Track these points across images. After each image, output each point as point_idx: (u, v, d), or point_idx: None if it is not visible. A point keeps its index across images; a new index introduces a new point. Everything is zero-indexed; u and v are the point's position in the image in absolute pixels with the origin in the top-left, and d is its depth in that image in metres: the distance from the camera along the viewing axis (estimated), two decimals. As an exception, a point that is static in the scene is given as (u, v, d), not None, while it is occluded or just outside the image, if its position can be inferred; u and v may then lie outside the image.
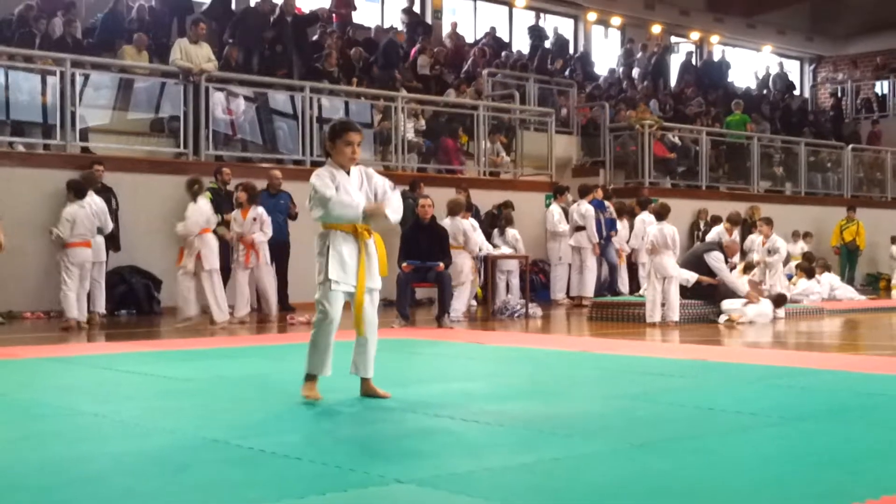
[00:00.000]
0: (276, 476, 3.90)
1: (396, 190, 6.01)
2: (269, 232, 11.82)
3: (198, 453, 4.33)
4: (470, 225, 12.77)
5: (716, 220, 15.74)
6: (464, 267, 12.52)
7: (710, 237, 14.27)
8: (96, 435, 4.82)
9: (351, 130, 5.80)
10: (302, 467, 4.04)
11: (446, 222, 12.49)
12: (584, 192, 16.00)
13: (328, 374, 5.71)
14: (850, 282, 19.91)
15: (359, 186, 5.78)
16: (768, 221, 15.08)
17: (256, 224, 11.63)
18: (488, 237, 14.45)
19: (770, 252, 14.58)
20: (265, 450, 4.32)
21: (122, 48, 14.84)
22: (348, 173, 5.78)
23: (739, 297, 12.11)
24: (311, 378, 5.70)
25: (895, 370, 7.44)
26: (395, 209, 5.85)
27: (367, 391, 5.84)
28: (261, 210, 11.80)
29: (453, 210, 12.74)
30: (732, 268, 13.12)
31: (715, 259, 12.35)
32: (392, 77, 18.08)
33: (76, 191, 11.19)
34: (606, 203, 16.37)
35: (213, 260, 11.09)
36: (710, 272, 12.34)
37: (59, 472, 3.97)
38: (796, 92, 30.19)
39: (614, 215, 16.41)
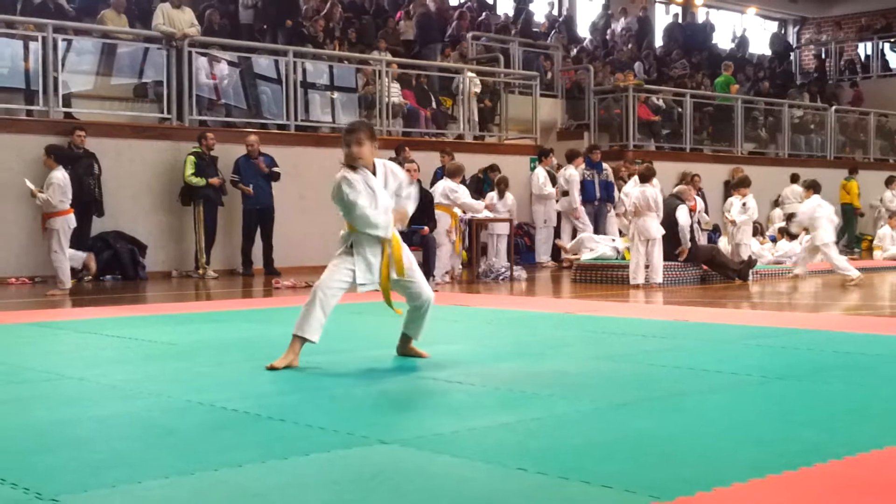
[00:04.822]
0: (260, 438, 3.93)
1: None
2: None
3: (183, 416, 4.35)
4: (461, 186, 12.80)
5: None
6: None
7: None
8: (81, 399, 4.82)
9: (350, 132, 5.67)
10: (286, 429, 4.06)
11: (440, 184, 12.54)
12: (570, 157, 16.01)
13: (315, 341, 5.59)
14: (848, 243, 20.06)
15: (384, 185, 5.72)
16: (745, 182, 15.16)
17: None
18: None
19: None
20: (249, 412, 4.35)
21: (102, 13, 14.72)
22: (374, 172, 5.70)
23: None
24: (300, 340, 5.57)
25: (873, 330, 7.53)
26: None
27: (408, 350, 5.99)
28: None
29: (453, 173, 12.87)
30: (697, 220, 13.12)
31: (680, 212, 12.40)
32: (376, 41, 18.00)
33: (58, 157, 11.09)
34: (604, 166, 16.37)
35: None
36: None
37: (42, 436, 3.97)
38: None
39: (611, 178, 16.40)
